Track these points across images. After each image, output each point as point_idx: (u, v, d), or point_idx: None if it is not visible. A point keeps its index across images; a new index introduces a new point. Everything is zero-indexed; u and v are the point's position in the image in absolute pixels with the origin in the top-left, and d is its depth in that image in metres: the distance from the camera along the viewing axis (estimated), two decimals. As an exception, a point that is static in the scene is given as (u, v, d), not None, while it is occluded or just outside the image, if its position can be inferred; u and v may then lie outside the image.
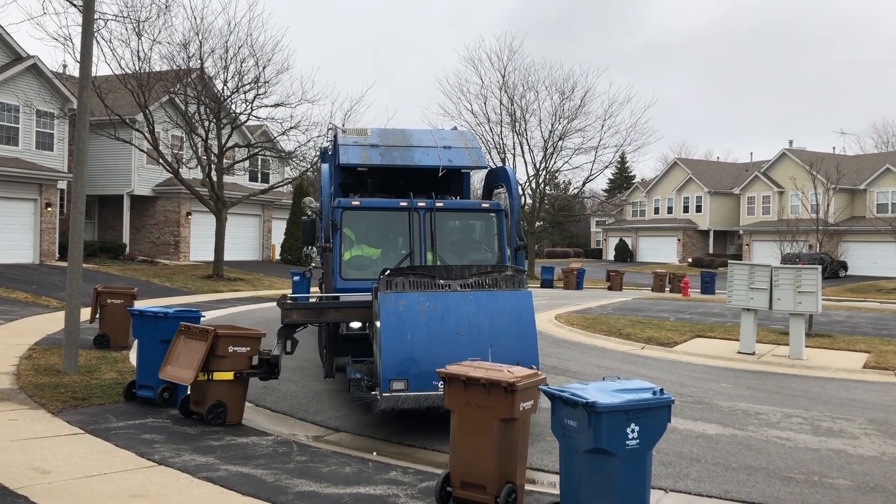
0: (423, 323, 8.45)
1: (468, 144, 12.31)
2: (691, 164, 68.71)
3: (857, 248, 47.86)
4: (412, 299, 8.57)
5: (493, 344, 8.32)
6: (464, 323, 8.56)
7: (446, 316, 8.56)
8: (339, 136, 12.00)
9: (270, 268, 37.22)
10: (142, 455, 7.54)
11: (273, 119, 30.93)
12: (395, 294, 8.56)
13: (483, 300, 8.77)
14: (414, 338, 8.34)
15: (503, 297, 8.88)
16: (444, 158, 11.69)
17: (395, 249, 11.04)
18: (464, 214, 11.65)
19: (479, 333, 8.52)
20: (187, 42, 28.21)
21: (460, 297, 8.74)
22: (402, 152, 11.75)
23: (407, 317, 8.43)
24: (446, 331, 8.47)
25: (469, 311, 8.65)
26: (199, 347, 8.88)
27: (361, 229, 10.99)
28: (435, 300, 8.63)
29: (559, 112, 42.94)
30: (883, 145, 75.18)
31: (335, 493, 6.68)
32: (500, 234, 11.17)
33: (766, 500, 7.03)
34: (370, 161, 11.54)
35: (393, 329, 8.34)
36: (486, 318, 8.65)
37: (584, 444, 5.46)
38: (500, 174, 12.35)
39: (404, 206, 10.87)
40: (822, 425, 9.92)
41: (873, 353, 15.78)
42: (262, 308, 22.61)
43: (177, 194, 34.93)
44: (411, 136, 12.41)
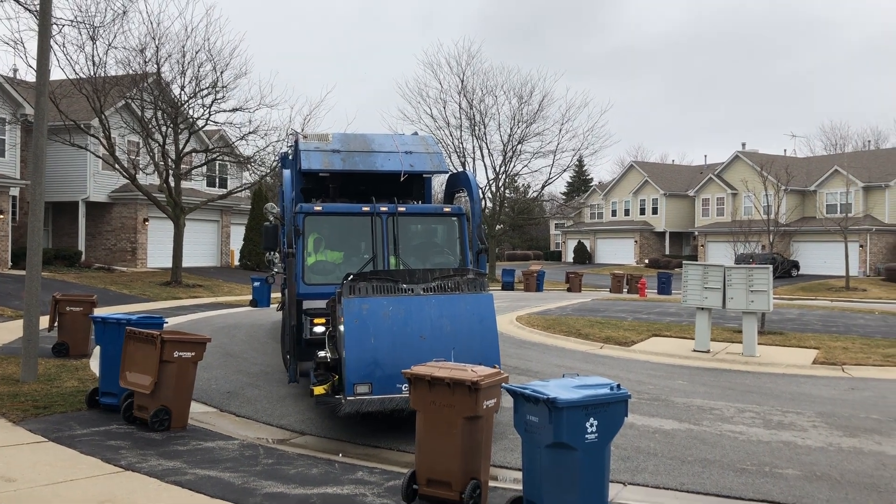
0: (386, 327, 8.50)
1: (429, 149, 12.44)
2: (647, 167, 69.81)
3: (808, 248, 49.16)
4: (375, 304, 8.62)
5: (455, 346, 8.46)
6: (426, 326, 8.64)
7: (409, 320, 8.63)
8: (300, 141, 12.07)
9: (230, 274, 36.96)
10: (108, 461, 7.56)
11: (231, 124, 30.83)
12: (359, 299, 8.61)
13: (445, 304, 8.88)
14: (377, 342, 8.40)
15: (465, 300, 9.00)
16: (405, 163, 11.81)
17: (357, 254, 11.13)
18: (426, 219, 11.77)
19: (442, 336, 8.62)
20: (144, 47, 27.95)
21: (423, 300, 8.82)
22: (363, 157, 11.83)
23: (370, 321, 8.49)
24: (409, 334, 8.54)
25: (431, 315, 8.74)
26: (151, 352, 8.91)
27: (324, 234, 11.04)
28: (398, 304, 8.70)
29: (518, 116, 43.41)
30: (832, 147, 77.10)
31: (303, 493, 6.79)
32: (461, 237, 11.31)
33: (720, 490, 7.31)
34: (332, 167, 11.61)
35: (356, 333, 8.40)
36: (448, 321, 8.76)
37: (545, 438, 5.66)
38: (462, 179, 12.51)
39: (366, 210, 10.96)
40: (773, 419, 10.28)
41: (822, 350, 16.32)
42: (222, 314, 22.51)
43: (133, 200, 34.51)
44: (373, 141, 12.49)
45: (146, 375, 8.83)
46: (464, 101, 43.36)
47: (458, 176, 12.82)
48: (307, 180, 12.06)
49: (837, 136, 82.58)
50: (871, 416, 10.56)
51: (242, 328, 18.63)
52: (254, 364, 13.70)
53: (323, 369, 8.96)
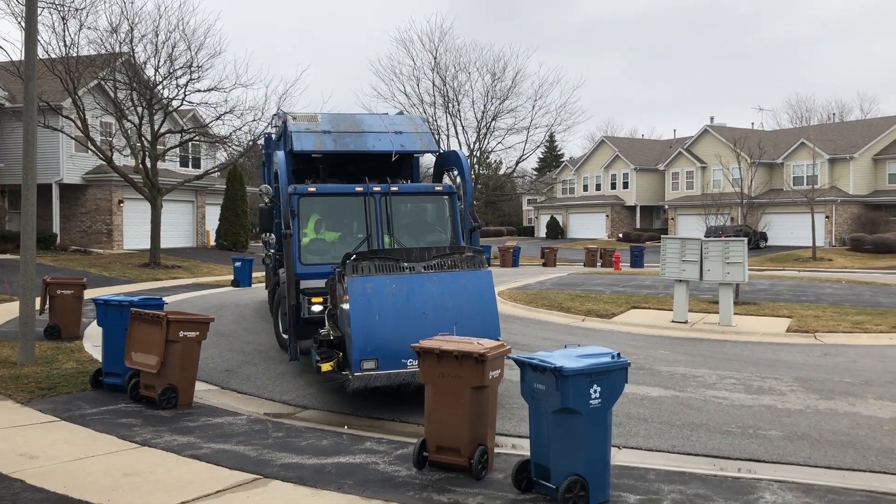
0: (390, 304, 8.71)
1: (418, 129, 12.61)
2: (618, 141, 70.49)
3: (775, 220, 50.10)
4: (379, 282, 8.82)
5: (457, 322, 8.70)
6: (429, 303, 8.87)
7: (412, 297, 8.85)
8: (289, 122, 12.15)
9: (206, 254, 36.93)
10: (123, 438, 7.83)
11: (207, 104, 30.67)
12: (362, 278, 8.80)
13: (446, 281, 9.11)
14: (382, 319, 8.60)
15: (465, 277, 9.24)
16: (396, 143, 11.97)
17: (352, 234, 11.31)
18: (418, 198, 11.96)
19: (444, 312, 8.85)
20: (117, 27, 27.67)
21: (425, 278, 9.04)
22: (354, 138, 11.96)
23: (374, 299, 8.69)
24: (412, 311, 8.76)
25: (433, 292, 8.98)
26: (156, 333, 9.15)
27: (318, 215, 11.19)
28: (400, 282, 8.90)
29: (491, 93, 43.53)
30: (798, 120, 78.33)
31: (317, 463, 7.12)
32: (453, 215, 11.53)
33: (709, 451, 7.78)
34: (324, 147, 11.73)
35: (361, 311, 8.59)
36: (449, 297, 9.00)
37: (552, 405, 6.03)
38: (452, 158, 12.70)
39: (360, 191, 11.14)
40: (753, 384, 10.80)
41: (795, 318, 16.94)
42: (205, 295, 22.64)
43: (108, 182, 34.27)
44: (362, 121, 12.62)
45: (152, 355, 9.07)
46: (437, 78, 43.39)
47: (447, 155, 13.02)
48: (297, 161, 12.22)
49: (803, 109, 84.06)
50: (843, 379, 11.12)
51: (228, 308, 18.81)
52: (246, 343, 13.95)
53: (326, 347, 9.17)
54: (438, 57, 43.19)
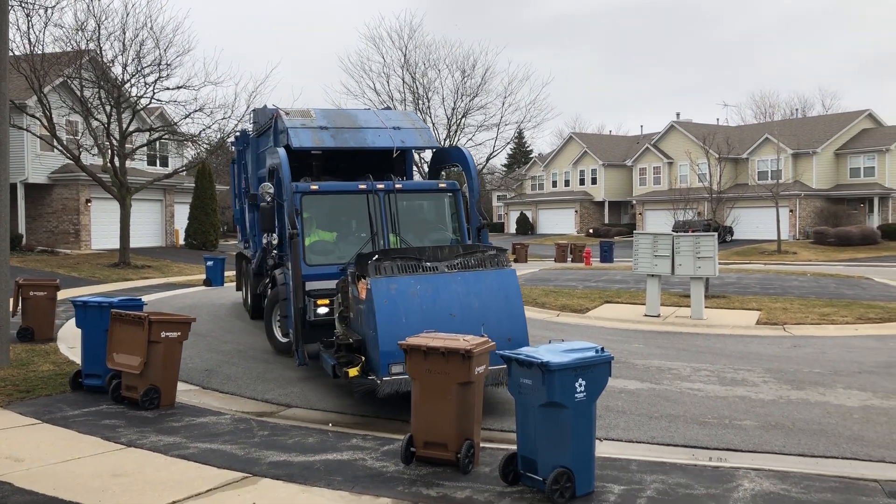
0: (416, 306, 8.41)
1: (415, 124, 12.31)
2: (586, 137, 71.07)
3: (741, 214, 51.00)
4: (403, 283, 8.51)
5: (484, 323, 8.46)
6: (455, 303, 8.57)
7: (437, 297, 8.55)
8: (283, 118, 11.81)
9: (176, 253, 36.61)
10: (108, 439, 7.82)
11: (176, 102, 30.35)
12: (386, 278, 8.48)
13: (471, 280, 8.81)
14: (409, 321, 8.24)
15: (489, 276, 8.96)
16: (396, 139, 11.67)
17: (356, 232, 11.04)
18: (422, 195, 11.63)
19: (471, 313, 8.56)
20: (83, 24, 27.29)
21: (449, 278, 8.74)
22: (353, 134, 11.61)
23: (400, 300, 8.37)
24: (439, 312, 8.44)
25: (459, 292, 8.67)
26: (138, 334, 9.14)
27: (321, 213, 10.87)
28: (425, 283, 8.59)
29: (461, 90, 43.66)
30: (762, 116, 79.63)
31: (306, 460, 7.19)
32: (458, 213, 11.29)
33: (688, 442, 7.99)
34: (323, 144, 11.36)
35: (387, 313, 8.26)
36: (475, 298, 8.69)
37: (538, 399, 6.17)
38: (454, 154, 12.42)
39: (363, 188, 10.81)
40: (726, 376, 11.06)
41: (764, 311, 17.32)
42: (178, 295, 22.48)
43: (75, 181, 33.81)
44: (357, 116, 12.28)
45: (135, 356, 9.06)
46: (407, 75, 43.39)
47: (448, 151, 12.75)
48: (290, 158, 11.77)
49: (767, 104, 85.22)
50: (813, 370, 11.44)
51: (203, 308, 18.72)
52: (224, 342, 13.93)
53: (345, 350, 8.83)
54: (408, 54, 43.21)
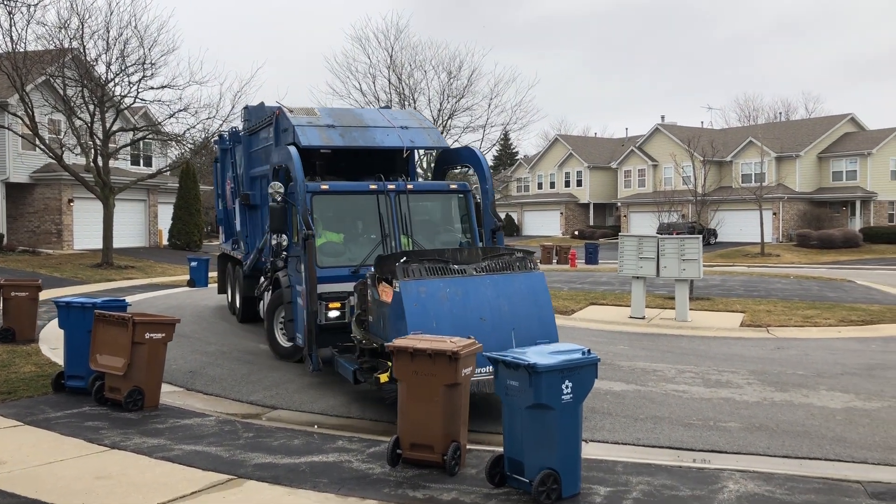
0: (446, 310, 8.19)
1: (423, 124, 12.07)
2: (571, 140, 71.29)
3: (725, 216, 51.24)
4: (433, 286, 8.28)
5: (515, 327, 8.30)
6: (485, 307, 8.37)
7: (467, 301, 8.33)
8: (289, 115, 11.52)
9: (159, 254, 36.39)
10: (91, 441, 7.75)
11: (160, 101, 30.17)
12: (415, 281, 8.24)
13: (500, 283, 8.61)
14: (439, 325, 7.99)
15: (518, 279, 8.77)
16: (405, 139, 11.45)
17: (365, 234, 10.79)
18: (432, 196, 11.42)
19: (501, 317, 8.38)
20: (66, 22, 27.06)
21: (478, 281, 8.54)
22: (361, 133, 11.36)
23: (430, 304, 8.14)
24: (469, 316, 8.24)
25: (489, 296, 8.47)
26: (122, 335, 9.06)
27: (330, 214, 10.61)
28: (455, 286, 8.38)
29: (447, 91, 43.67)
30: (746, 119, 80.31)
31: (291, 462, 7.16)
32: (469, 214, 11.11)
33: (673, 443, 8.02)
34: (332, 142, 11.09)
35: (418, 318, 8.01)
36: (505, 301, 8.50)
37: (525, 401, 6.17)
38: (464, 155, 12.20)
39: (374, 188, 10.60)
40: (711, 378, 11.11)
41: (748, 313, 17.43)
42: (161, 295, 22.34)
43: (57, 181, 33.54)
44: (362, 115, 12.07)
45: (119, 357, 8.98)
46: (393, 76, 43.35)
47: (457, 152, 12.49)
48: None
49: (751, 108, 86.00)
50: (797, 372, 11.52)
51: (187, 309, 18.61)
52: (209, 344, 13.85)
53: (369, 355, 8.65)
54: (394, 55, 43.17)
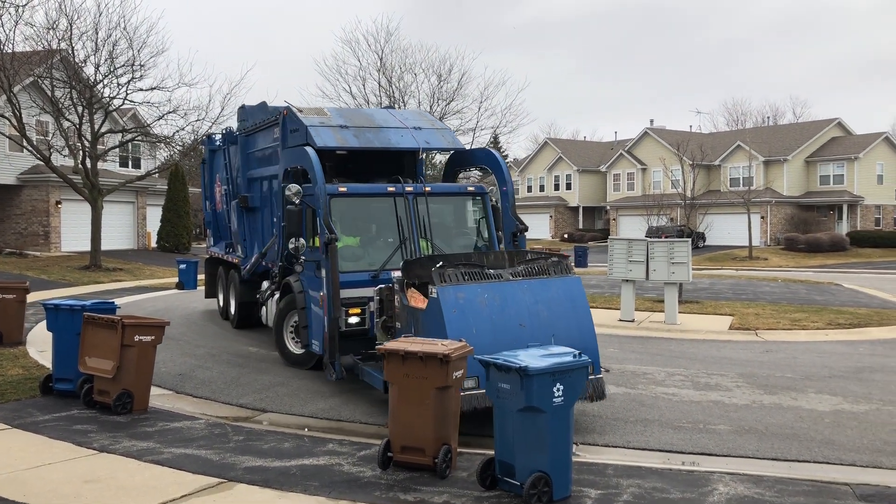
0: (485, 316, 7.99)
1: (435, 125, 11.92)
2: (561, 143, 71.49)
3: (713, 220, 51.46)
4: (471, 291, 8.07)
5: (554, 333, 8.13)
6: (524, 313, 8.19)
7: (506, 307, 8.14)
8: (300, 116, 11.27)
9: (148, 256, 36.21)
10: (80, 444, 7.70)
11: (149, 103, 30.08)
12: (453, 287, 8.02)
13: (537, 288, 8.42)
14: (479, 332, 7.78)
15: (555, 284, 8.58)
16: (420, 140, 11.28)
17: (383, 237, 10.59)
18: (450, 199, 11.24)
19: (540, 323, 8.20)
20: (55, 23, 26.93)
21: (516, 286, 8.35)
22: (375, 134, 11.17)
23: (469, 310, 7.94)
24: (508, 322, 8.05)
25: (527, 301, 8.28)
26: (111, 337, 9.01)
27: (347, 217, 10.34)
28: (493, 291, 8.16)
29: (437, 94, 43.73)
30: (734, 123, 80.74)
31: (282, 465, 7.14)
32: (486, 217, 10.97)
33: (663, 446, 8.04)
34: (347, 143, 10.89)
35: (457, 324, 7.80)
36: (544, 306, 8.31)
37: (516, 404, 6.18)
38: (481, 156, 12.02)
39: (392, 191, 10.44)
40: (700, 381, 11.15)
41: (737, 316, 17.51)
42: (150, 298, 22.23)
43: (45, 182, 33.34)
44: (373, 115, 11.91)
45: (108, 360, 8.93)
46: (383, 78, 43.36)
47: (472, 153, 12.27)
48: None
49: (739, 112, 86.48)
50: (785, 375, 11.57)
51: (176, 311, 18.54)
52: (197, 346, 13.79)
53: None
54: (384, 57, 43.18)
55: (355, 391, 10.27)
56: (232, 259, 15.60)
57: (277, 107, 12.81)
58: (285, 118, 11.80)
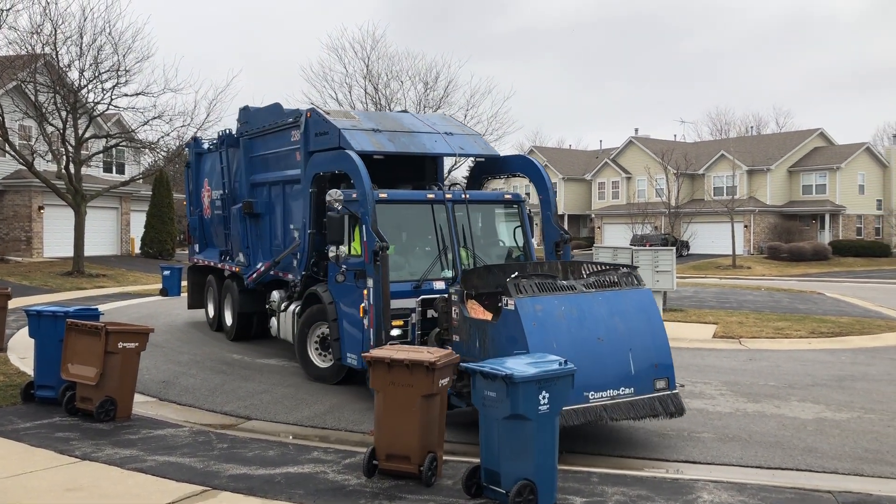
0: (564, 329, 7.75)
1: (466, 130, 11.62)
2: (546, 151, 71.67)
3: (697, 229, 51.87)
4: (548, 304, 7.82)
5: (631, 347, 7.97)
6: (601, 326, 7.95)
7: (583, 320, 7.89)
8: (330, 119, 10.91)
9: (131, 262, 35.98)
10: (62, 452, 7.63)
11: (134, 108, 29.91)
12: (531, 298, 7.77)
13: (612, 300, 8.19)
14: (560, 347, 7.51)
15: (629, 296, 8.38)
16: (454, 146, 11.02)
17: (421, 246, 10.31)
18: (488, 206, 10.98)
19: (617, 337, 7.97)
20: (39, 27, 26.74)
21: (591, 298, 8.12)
22: (410, 138, 10.86)
23: (548, 324, 7.70)
24: (586, 336, 7.81)
25: (602, 313, 8.04)
26: (95, 344, 8.95)
27: (385, 225, 9.76)
28: (569, 303, 7.93)
29: (423, 102, 43.81)
30: (718, 133, 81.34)
31: (266, 473, 7.10)
32: (523, 226, 10.79)
33: (647, 454, 8.08)
34: (384, 148, 10.51)
35: (538, 339, 7.54)
36: (619, 319, 8.09)
37: (502, 411, 6.19)
38: (517, 163, 11.73)
39: (431, 198, 10.19)
40: (684, 389, 11.14)
41: (721, 325, 17.60)
42: (134, 304, 22.10)
43: (27, 188, 33.07)
44: (401, 119, 11.56)
45: (91, 367, 8.86)
46: (369, 85, 43.41)
47: (506, 160, 11.89)
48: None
49: (723, 121, 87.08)
50: (769, 383, 11.65)
51: (160, 318, 18.41)
52: (181, 353, 13.71)
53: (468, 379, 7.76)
54: (371, 65, 43.24)
55: (340, 399, 10.25)
56: (229, 267, 14.80)
57: (296, 109, 12.43)
58: (308, 120, 11.33)
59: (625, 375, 7.88)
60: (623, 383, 7.85)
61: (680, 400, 8.37)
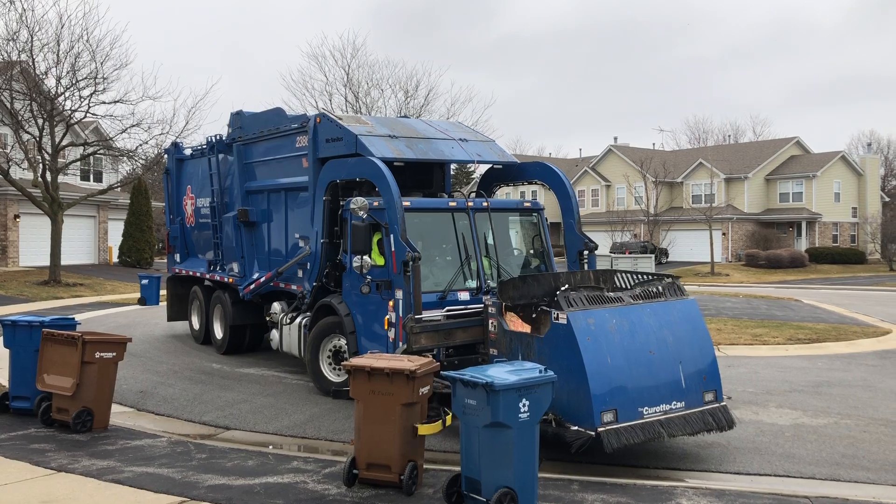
0: (617, 343, 7.58)
1: (478, 137, 11.46)
2: (526, 160, 71.96)
3: (676, 236, 52.28)
4: (599, 317, 7.65)
5: (681, 359, 7.88)
6: (651, 339, 7.82)
7: (634, 333, 7.75)
8: (344, 124, 10.58)
9: (109, 271, 35.66)
10: (37, 464, 7.55)
11: (112, 116, 29.70)
12: (582, 311, 7.59)
13: (660, 312, 8.06)
14: (614, 361, 7.42)
15: (676, 306, 8.25)
16: (471, 153, 10.83)
17: (442, 255, 10.13)
18: (508, 214, 10.80)
19: (667, 349, 7.86)
20: (15, 34, 26.50)
21: (639, 310, 7.98)
22: (427, 145, 10.60)
23: (602, 337, 7.52)
24: (639, 349, 7.68)
25: (652, 325, 7.91)
26: (71, 354, 8.86)
27: (408, 234, 9.45)
28: (619, 316, 7.78)
29: (404, 110, 43.83)
30: (696, 141, 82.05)
31: (245, 483, 7.05)
32: (541, 234, 10.67)
33: (627, 461, 8.07)
34: (403, 155, 10.22)
35: (593, 353, 7.37)
36: (668, 331, 7.97)
37: (483, 419, 6.19)
38: (535, 170, 11.50)
39: (453, 205, 10.01)
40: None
41: (699, 331, 17.69)
42: (111, 314, 21.89)
43: (2, 196, 32.71)
44: (414, 125, 11.36)
45: (67, 377, 8.78)
46: (350, 94, 43.41)
47: (522, 167, 11.63)
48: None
49: (701, 130, 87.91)
50: (747, 389, 11.74)
51: (138, 327, 18.25)
52: (160, 363, 13.59)
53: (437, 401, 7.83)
54: (351, 73, 43.23)
55: (321, 409, 10.20)
56: (220, 278, 14.21)
57: (302, 114, 12.00)
58: (318, 125, 11.00)
59: (676, 389, 7.80)
60: (675, 397, 7.77)
61: (729, 412, 8.28)
